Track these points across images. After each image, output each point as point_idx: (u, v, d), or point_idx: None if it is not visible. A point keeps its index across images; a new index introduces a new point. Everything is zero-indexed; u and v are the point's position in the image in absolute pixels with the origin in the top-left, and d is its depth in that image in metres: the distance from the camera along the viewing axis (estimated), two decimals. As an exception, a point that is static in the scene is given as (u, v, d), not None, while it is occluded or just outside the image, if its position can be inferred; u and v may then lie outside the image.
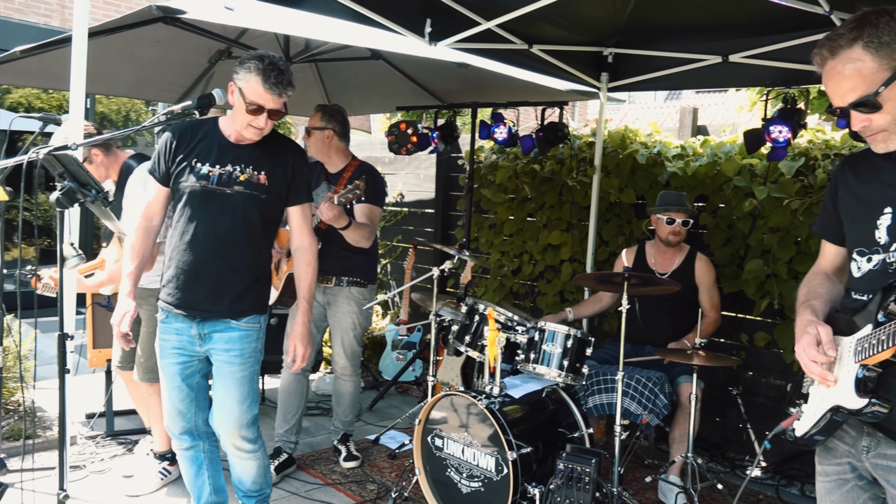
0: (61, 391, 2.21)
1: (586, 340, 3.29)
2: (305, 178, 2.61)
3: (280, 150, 2.56)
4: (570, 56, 4.33)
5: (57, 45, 3.90)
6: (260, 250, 2.56)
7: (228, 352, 2.50)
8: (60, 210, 2.15)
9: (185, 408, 2.62)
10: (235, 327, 2.51)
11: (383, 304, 6.52)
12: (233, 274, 2.48)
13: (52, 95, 8.03)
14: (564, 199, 5.11)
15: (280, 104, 2.43)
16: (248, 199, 2.48)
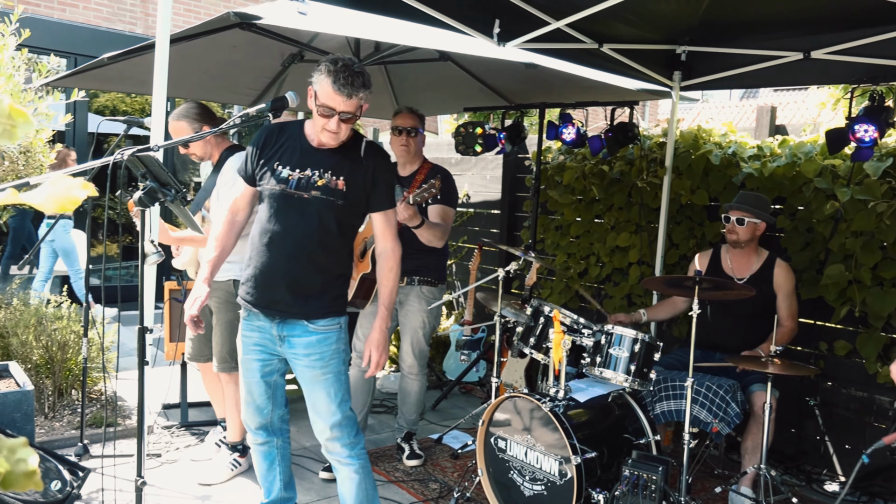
0: (140, 382, 2.31)
1: (654, 345, 3.21)
2: (388, 183, 2.56)
3: (360, 156, 2.51)
4: (642, 54, 4.24)
5: (141, 51, 4.08)
6: (337, 254, 2.53)
7: (308, 356, 2.51)
8: (142, 209, 2.25)
9: (263, 404, 2.66)
10: (313, 331, 2.50)
11: (448, 304, 6.55)
12: (308, 277, 2.48)
13: (134, 99, 8.42)
14: (633, 200, 5.01)
15: (352, 106, 2.36)
16: (325, 204, 2.45)
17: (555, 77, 4.56)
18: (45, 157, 3.78)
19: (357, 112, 2.40)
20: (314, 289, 2.50)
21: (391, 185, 2.58)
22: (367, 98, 2.40)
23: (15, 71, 3.53)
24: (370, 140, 2.59)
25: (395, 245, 2.60)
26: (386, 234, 2.58)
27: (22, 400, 3.30)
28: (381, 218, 2.57)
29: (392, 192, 2.60)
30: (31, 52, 3.77)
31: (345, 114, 2.37)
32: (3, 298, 4.70)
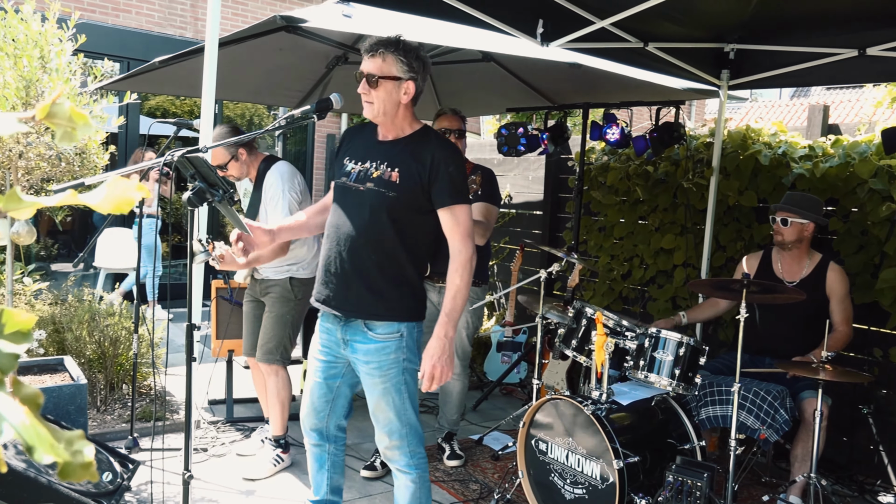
0: (188, 378, 2.36)
1: (700, 349, 3.16)
2: (451, 177, 2.35)
3: (422, 148, 2.38)
4: (689, 53, 4.17)
5: (190, 55, 4.18)
6: (392, 251, 2.39)
7: (367, 364, 2.43)
8: (191, 209, 2.30)
9: (320, 406, 2.59)
10: (372, 339, 2.41)
11: (489, 305, 6.54)
12: (359, 274, 2.40)
13: (184, 101, 8.62)
14: (679, 201, 4.93)
15: (373, 66, 2.30)
16: (377, 196, 2.36)
17: (599, 77, 4.52)
18: (100, 158, 3.90)
19: (379, 73, 2.31)
20: (366, 288, 2.39)
21: (455, 180, 2.36)
22: (392, 59, 2.31)
23: (71, 75, 3.65)
24: (438, 133, 2.47)
25: (462, 246, 2.37)
26: (452, 233, 2.38)
27: (76, 393, 3.41)
28: (444, 215, 2.38)
29: (457, 187, 2.37)
30: (87, 56, 3.90)
31: (370, 76, 2.31)
32: (59, 295, 4.86)
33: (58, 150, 3.62)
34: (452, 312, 2.35)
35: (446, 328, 2.34)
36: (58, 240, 7.76)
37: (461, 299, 2.36)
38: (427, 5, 3.43)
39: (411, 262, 2.41)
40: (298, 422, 4.35)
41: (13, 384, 0.44)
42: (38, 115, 0.42)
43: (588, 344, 3.42)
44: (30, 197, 0.44)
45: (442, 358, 2.32)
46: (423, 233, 2.43)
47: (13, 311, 0.46)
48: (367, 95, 2.35)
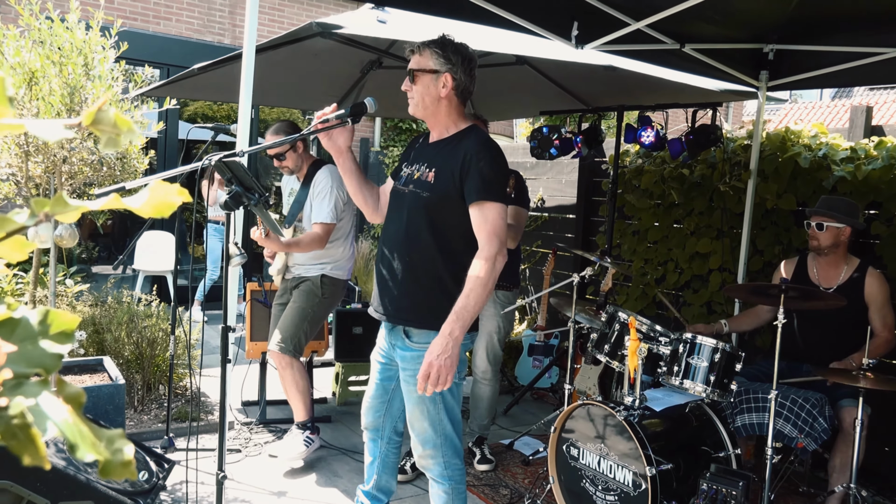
0: (223, 379, 2.39)
1: (736, 355, 3.10)
2: (481, 173, 2.27)
3: (460, 145, 2.35)
4: (726, 54, 4.11)
5: (228, 61, 4.25)
6: (428, 254, 2.35)
7: (404, 371, 2.41)
8: (228, 212, 2.34)
9: (376, 405, 2.60)
10: (409, 347, 2.38)
11: (521, 309, 6.51)
12: (395, 278, 2.40)
13: (221, 107, 8.77)
14: (715, 205, 4.86)
15: (415, 63, 2.35)
16: (415, 198, 2.37)
17: (634, 79, 4.48)
18: (140, 162, 3.99)
19: (417, 67, 2.35)
20: (403, 292, 2.38)
21: (486, 176, 2.27)
22: (429, 53, 2.35)
23: (113, 81, 3.74)
24: (481, 131, 2.44)
25: (487, 243, 2.25)
26: (479, 230, 2.27)
27: (114, 393, 3.48)
28: (473, 211, 2.28)
29: (489, 183, 2.27)
30: (128, 63, 3.99)
31: (410, 71, 2.36)
32: (98, 297, 4.98)
33: (100, 155, 3.71)
34: (462, 311, 2.19)
35: (452, 326, 2.17)
36: (98, 243, 7.95)
37: (475, 298, 2.19)
38: (461, 9, 3.44)
39: (449, 268, 2.34)
40: (325, 418, 4.39)
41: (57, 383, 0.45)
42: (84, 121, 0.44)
43: (621, 349, 3.39)
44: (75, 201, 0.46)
45: (441, 357, 2.15)
46: (459, 233, 2.34)
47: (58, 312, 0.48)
48: (409, 91, 2.38)
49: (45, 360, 0.44)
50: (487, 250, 2.24)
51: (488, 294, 2.23)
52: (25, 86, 3.43)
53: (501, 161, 2.37)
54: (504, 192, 2.34)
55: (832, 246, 3.48)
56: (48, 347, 0.45)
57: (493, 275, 2.23)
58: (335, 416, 4.54)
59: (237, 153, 2.33)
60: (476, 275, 2.21)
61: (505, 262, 2.29)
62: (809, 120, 16.67)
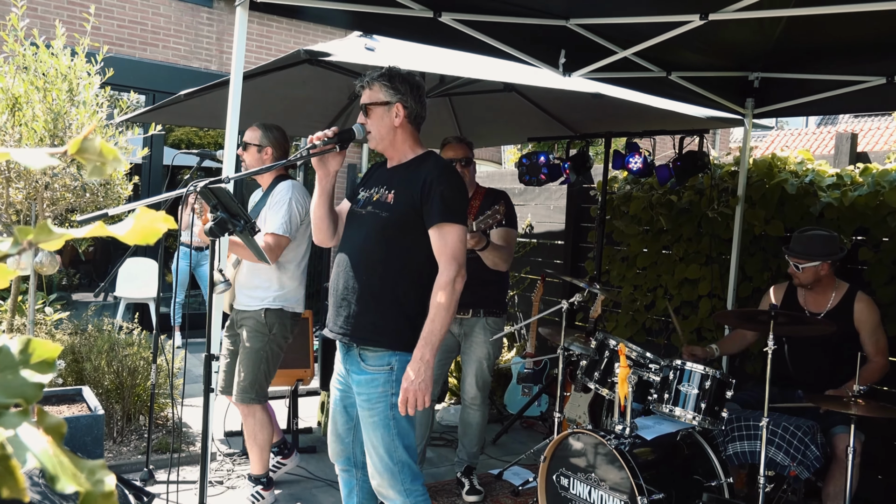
0: (205, 409, 2.37)
1: (726, 382, 3.11)
2: (441, 197, 2.34)
3: (419, 170, 2.43)
4: (712, 82, 4.19)
5: (215, 87, 4.27)
6: (385, 274, 2.39)
7: (359, 395, 2.43)
8: (212, 239, 2.34)
9: (343, 433, 2.59)
10: (363, 370, 2.41)
11: (510, 336, 6.50)
12: (351, 296, 2.43)
13: (207, 133, 8.79)
14: (703, 231, 4.90)
15: (368, 97, 2.44)
16: (373, 218, 2.44)
17: (621, 106, 4.54)
18: (124, 189, 3.98)
19: (368, 101, 2.44)
20: (358, 311, 2.41)
21: (446, 199, 2.35)
22: (378, 86, 2.43)
23: (98, 108, 3.75)
24: (439, 156, 2.53)
25: (447, 266, 2.33)
26: (439, 254, 2.36)
27: (93, 424, 3.43)
28: (433, 235, 2.36)
29: (449, 207, 2.35)
30: (113, 89, 4.01)
31: (363, 107, 2.46)
32: (78, 325, 4.92)
33: (82, 181, 3.70)
34: (430, 336, 2.28)
35: (422, 351, 2.28)
36: (79, 269, 7.88)
37: (441, 322, 2.29)
38: (449, 37, 3.49)
39: (407, 287, 2.39)
40: (311, 448, 4.34)
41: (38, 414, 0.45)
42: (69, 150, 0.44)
43: (611, 376, 3.39)
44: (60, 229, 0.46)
45: (416, 382, 2.25)
46: (420, 256, 2.40)
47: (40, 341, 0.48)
48: (367, 125, 2.47)
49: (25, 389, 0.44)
50: (447, 274, 2.34)
51: (451, 316, 2.33)
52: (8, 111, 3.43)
53: (460, 185, 2.47)
54: (463, 215, 2.43)
55: (814, 281, 3.52)
56: (29, 377, 0.45)
57: (454, 297, 2.33)
58: (320, 446, 4.49)
59: (223, 179, 2.33)
60: (438, 301, 2.32)
61: (464, 282, 2.37)
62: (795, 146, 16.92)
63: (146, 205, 2.18)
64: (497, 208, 3.19)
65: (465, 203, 2.48)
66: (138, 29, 7.77)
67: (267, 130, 3.52)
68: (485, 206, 3.70)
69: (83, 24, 4.06)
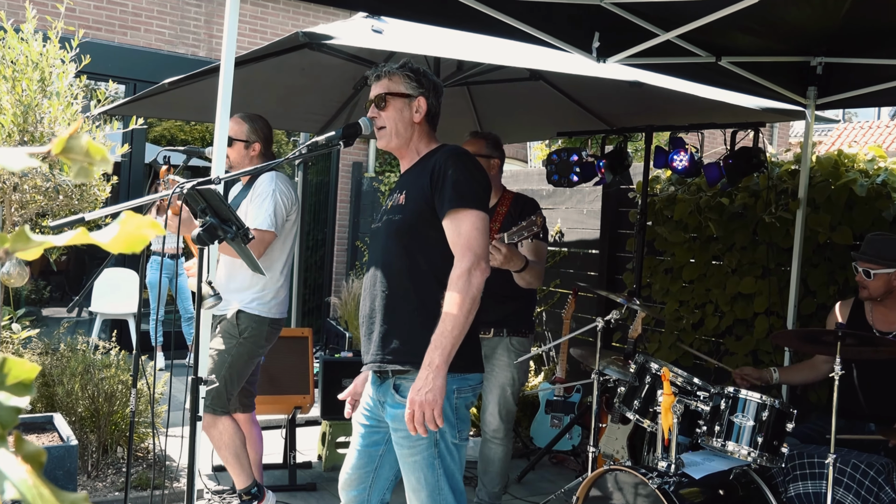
0: (192, 440, 2.38)
1: (787, 412, 3.09)
2: (453, 180, 2.33)
3: (429, 161, 2.44)
4: (768, 68, 4.17)
5: (203, 75, 4.32)
6: (408, 286, 2.39)
7: (396, 431, 2.37)
8: (200, 247, 2.36)
9: (361, 476, 2.53)
10: (400, 404, 2.33)
11: (537, 358, 6.49)
12: (377, 316, 2.44)
13: (194, 127, 8.88)
14: (759, 239, 4.88)
15: (380, 87, 2.46)
16: (388, 226, 2.46)
17: (663, 96, 4.53)
18: (101, 190, 4.03)
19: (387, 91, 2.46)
20: (386, 330, 2.40)
21: (458, 183, 2.32)
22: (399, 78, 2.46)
23: (73, 99, 3.81)
24: (453, 145, 2.55)
25: (461, 257, 2.28)
26: (453, 245, 2.32)
27: (65, 456, 3.46)
28: (446, 225, 2.33)
29: (461, 191, 2.32)
30: (90, 78, 4.06)
31: (377, 96, 2.47)
32: (50, 344, 4.98)
33: (55, 182, 3.75)
34: (440, 338, 2.21)
35: (430, 356, 2.21)
36: (51, 281, 7.98)
37: (452, 322, 2.22)
38: (467, 18, 3.51)
39: (437, 294, 2.33)
40: (310, 486, 4.35)
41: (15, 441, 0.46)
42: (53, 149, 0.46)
43: (653, 405, 3.37)
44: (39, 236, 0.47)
45: (422, 392, 2.18)
46: (441, 257, 2.36)
47: (16, 361, 0.49)
48: (378, 120, 2.47)
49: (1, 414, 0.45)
50: (460, 267, 2.26)
51: (467, 316, 2.25)
52: (-27, 104, 3.50)
53: (474, 167, 2.44)
54: (480, 200, 2.37)
55: (885, 293, 3.49)
56: (4, 400, 0.46)
57: (471, 294, 2.25)
58: (321, 482, 4.50)
59: (212, 180, 2.36)
60: (450, 296, 2.24)
61: (485, 277, 2.30)
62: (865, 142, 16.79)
63: (128, 208, 2.21)
64: (534, 219, 3.18)
65: (482, 187, 2.43)
66: (118, 11, 7.89)
67: (253, 122, 3.60)
68: (513, 214, 3.71)
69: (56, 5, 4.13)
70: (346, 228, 9.52)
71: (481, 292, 2.29)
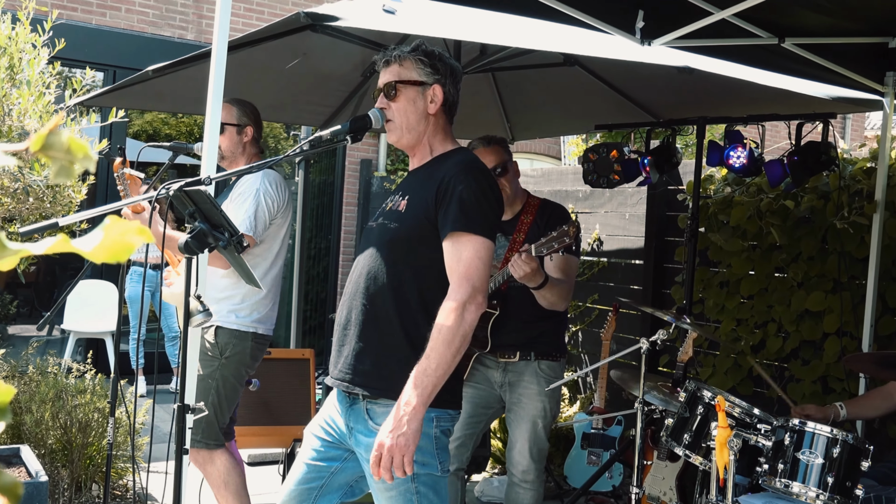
0: (177, 477, 2.40)
1: (861, 449, 3.06)
2: (461, 198, 2.34)
3: (438, 167, 2.47)
4: (840, 51, 4.15)
5: (192, 62, 4.36)
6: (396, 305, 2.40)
7: (369, 462, 2.34)
8: (189, 256, 2.38)
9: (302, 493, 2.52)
10: (373, 430, 2.35)
11: (572, 385, 6.47)
12: (353, 331, 2.45)
13: (181, 120, 8.97)
14: (829, 247, 4.85)
15: (390, 75, 2.47)
16: (382, 231, 2.49)
17: (718, 84, 4.52)
18: (77, 192, 4.07)
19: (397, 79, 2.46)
20: (361, 350, 2.42)
21: (466, 203, 2.34)
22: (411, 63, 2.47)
23: (46, 88, 3.85)
24: (468, 151, 2.58)
25: (458, 288, 2.30)
26: (451, 271, 2.34)
27: (34, 494, 3.49)
28: (445, 247, 2.36)
29: (467, 212, 2.34)
30: (64, 64, 4.11)
31: (387, 85, 2.48)
32: (16, 366, 5.03)
33: (25, 183, 3.80)
34: (421, 376, 2.22)
35: (408, 394, 2.21)
36: (18, 295, 8.07)
37: (437, 358, 2.23)
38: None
39: (423, 322, 2.37)
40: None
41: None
42: (31, 146, 0.47)
43: (706, 440, 3.35)
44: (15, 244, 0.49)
45: (394, 434, 2.18)
46: (437, 279, 2.39)
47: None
48: (388, 112, 2.49)
49: (-30, 442, 0.46)
50: (454, 298, 2.28)
51: (455, 355, 2.27)
52: (-66, 95, 3.56)
53: (489, 187, 2.45)
54: (488, 227, 2.40)
55: None
56: (-26, 427, 0.47)
57: (461, 329, 2.26)
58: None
59: (202, 180, 2.38)
60: (438, 330, 2.26)
61: (480, 312, 2.32)
62: (955, 135, 16.59)
63: (107, 212, 2.24)
64: (566, 229, 3.19)
65: (494, 213, 2.47)
66: (96, -12, 7.99)
67: (242, 105, 3.69)
68: (539, 224, 3.70)
69: (28, -17, 4.19)
70: (353, 235, 9.54)
71: (473, 330, 2.31)
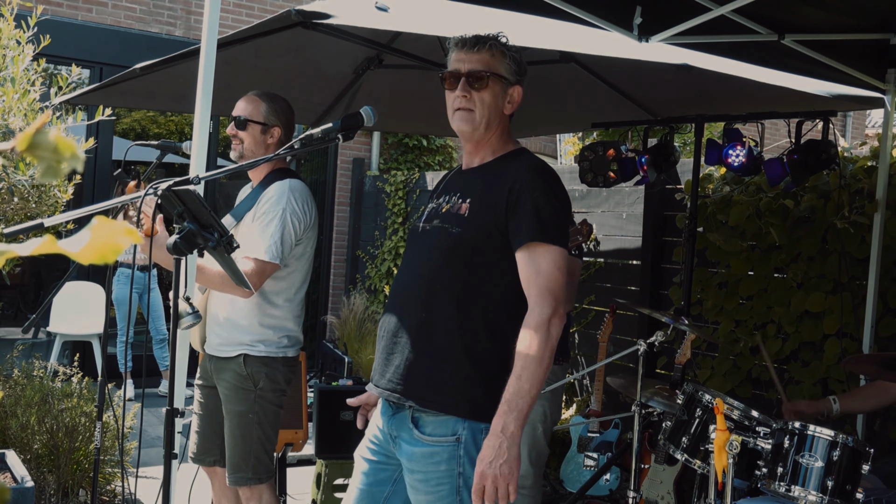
0: (165, 482, 2.39)
1: (862, 451, 3.07)
2: (535, 207, 2.30)
3: (505, 171, 2.40)
4: (841, 48, 4.16)
5: (181, 59, 4.36)
6: (457, 314, 2.36)
7: (412, 473, 2.36)
8: (177, 258, 2.38)
9: None
10: (418, 440, 2.33)
11: (568, 388, 6.48)
12: (404, 339, 2.40)
13: (170, 119, 8.95)
14: (830, 247, 4.86)
15: (480, 61, 2.38)
16: (442, 235, 2.41)
17: (717, 81, 4.53)
18: (62, 192, 4.06)
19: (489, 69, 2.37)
20: (412, 359, 2.38)
21: (541, 211, 2.31)
22: (501, 56, 2.41)
23: (30, 86, 3.85)
24: (532, 154, 2.50)
25: (538, 302, 2.27)
26: (528, 285, 2.30)
27: (20, 500, 3.48)
28: (521, 258, 2.32)
29: (543, 221, 2.30)
30: (49, 62, 4.10)
31: (474, 72, 2.37)
32: (1, 369, 5.02)
33: (9, 183, 3.79)
34: (515, 398, 2.21)
35: (504, 420, 2.20)
36: (2, 297, 8.04)
37: (530, 379, 2.22)
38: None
39: (484, 334, 2.35)
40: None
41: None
42: (18, 145, 0.47)
43: (704, 443, 3.36)
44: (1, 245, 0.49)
45: (495, 464, 2.17)
46: (505, 291, 2.37)
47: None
48: (465, 100, 2.39)
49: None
50: (539, 313, 2.26)
51: (545, 372, 2.26)
52: (-83, 92, 3.54)
53: (561, 191, 2.43)
54: (563, 234, 2.37)
55: None
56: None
57: (549, 345, 2.25)
58: (316, 533, 4.51)
59: (191, 180, 2.38)
60: (527, 348, 2.23)
61: (563, 323, 2.31)
62: (957, 133, 16.62)
63: (94, 212, 2.23)
64: (579, 227, 3.18)
65: (566, 218, 2.46)
66: (82, -16, 7.97)
67: (273, 102, 3.40)
68: None
69: (12, -22, 4.18)
70: (345, 236, 9.54)
71: None
